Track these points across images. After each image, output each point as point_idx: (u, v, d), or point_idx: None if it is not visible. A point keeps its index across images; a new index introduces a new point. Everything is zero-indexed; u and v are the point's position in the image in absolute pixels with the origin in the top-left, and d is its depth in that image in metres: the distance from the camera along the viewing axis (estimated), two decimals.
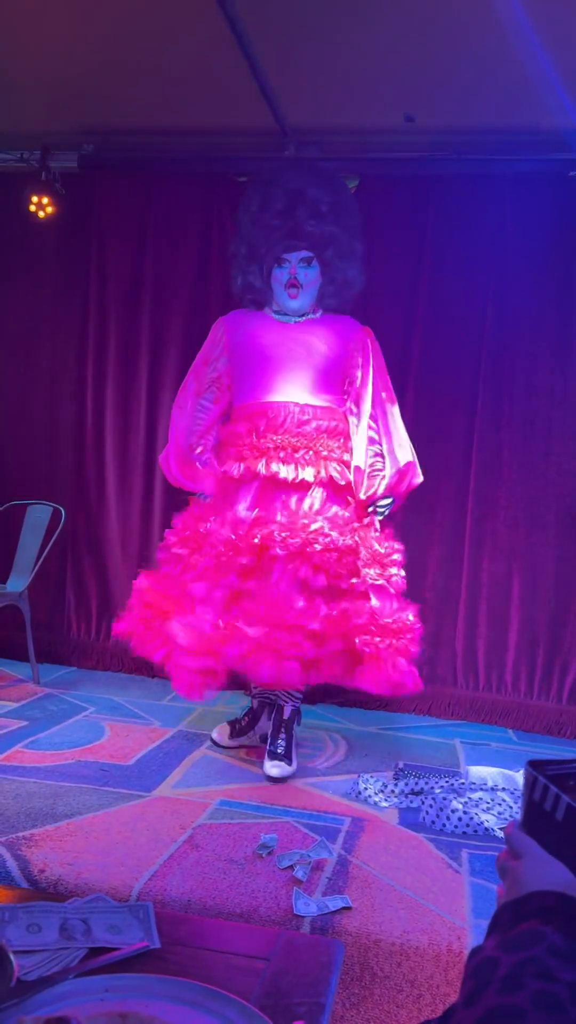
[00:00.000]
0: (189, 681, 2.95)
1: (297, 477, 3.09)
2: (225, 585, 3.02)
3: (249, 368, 3.27)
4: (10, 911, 1.06)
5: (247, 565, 3.00)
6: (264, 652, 2.87)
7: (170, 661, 3.00)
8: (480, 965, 0.70)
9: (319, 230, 3.20)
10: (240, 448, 3.17)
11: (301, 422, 3.17)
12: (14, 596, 4.03)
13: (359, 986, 1.83)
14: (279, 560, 2.99)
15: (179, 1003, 0.90)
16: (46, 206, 4.27)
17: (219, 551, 3.01)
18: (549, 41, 3.03)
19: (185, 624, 2.97)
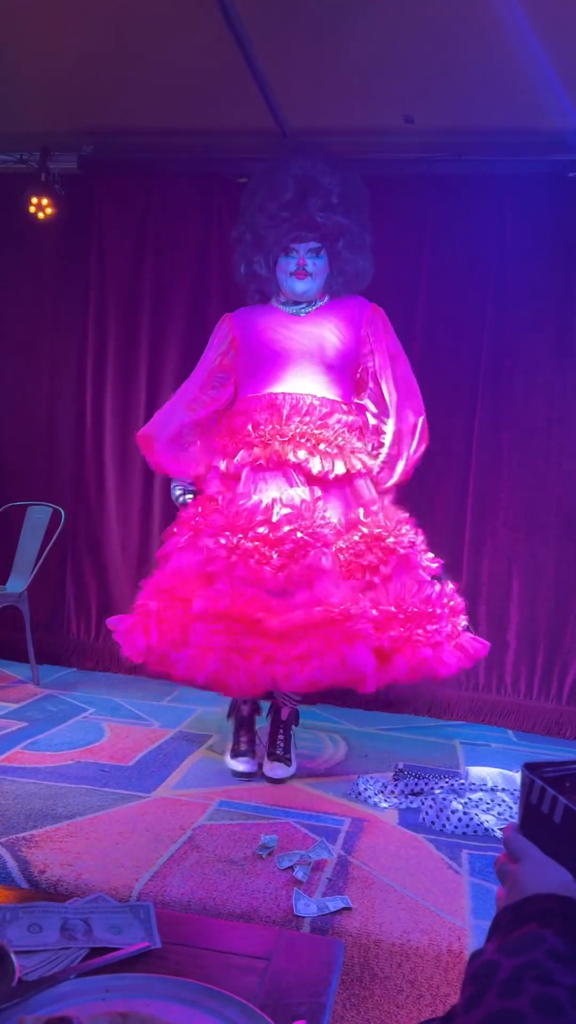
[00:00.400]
0: (312, 666, 2.68)
1: (332, 471, 3.01)
2: (330, 559, 2.86)
3: (259, 363, 3.20)
4: (11, 911, 1.06)
5: (290, 553, 2.84)
6: (419, 644, 2.81)
7: (273, 662, 2.72)
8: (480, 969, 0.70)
9: (330, 221, 3.14)
10: (260, 435, 3.05)
11: (324, 415, 3.11)
12: (14, 597, 4.03)
13: (359, 986, 1.83)
14: (395, 556, 2.93)
15: (180, 1003, 0.90)
16: (46, 207, 4.27)
17: (303, 528, 2.85)
18: (548, 42, 3.04)
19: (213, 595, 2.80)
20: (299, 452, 3.01)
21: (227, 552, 2.85)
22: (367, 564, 2.91)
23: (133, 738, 3.42)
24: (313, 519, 2.91)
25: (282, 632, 2.72)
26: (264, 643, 2.72)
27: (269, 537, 2.85)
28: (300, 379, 3.15)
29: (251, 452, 3.05)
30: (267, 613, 2.77)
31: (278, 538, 2.84)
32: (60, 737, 3.36)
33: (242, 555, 2.83)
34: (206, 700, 4.03)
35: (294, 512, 2.90)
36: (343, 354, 3.20)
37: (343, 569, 2.92)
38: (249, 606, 2.77)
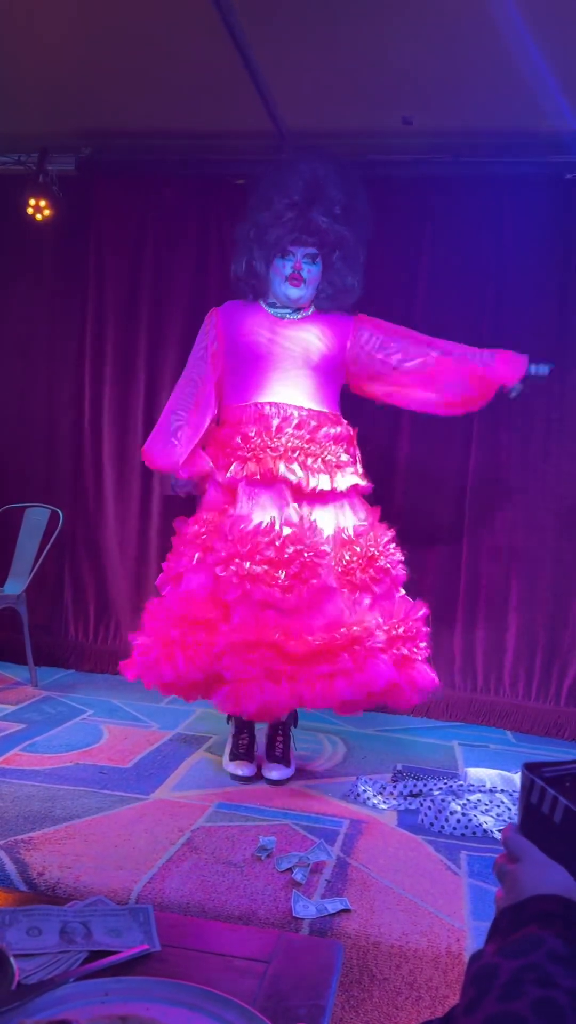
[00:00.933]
0: (341, 684, 2.76)
1: (318, 487, 3.02)
2: (269, 591, 2.85)
3: (243, 366, 3.20)
4: (10, 914, 1.06)
5: (288, 576, 2.86)
6: (406, 662, 2.89)
7: (297, 681, 2.79)
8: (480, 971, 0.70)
9: (331, 229, 3.14)
10: (252, 448, 3.06)
11: (313, 428, 3.11)
12: (12, 599, 4.03)
13: (358, 988, 1.83)
14: (383, 572, 2.99)
15: (179, 1005, 0.90)
16: (44, 209, 4.27)
17: (308, 548, 2.88)
18: (546, 45, 3.04)
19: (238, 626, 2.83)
20: (293, 467, 3.02)
21: (239, 580, 2.87)
22: (358, 583, 2.94)
23: (132, 740, 3.42)
24: (315, 538, 2.94)
25: (305, 655, 2.78)
26: (288, 666, 2.78)
27: (274, 559, 2.87)
28: (285, 386, 3.15)
29: (244, 466, 3.05)
30: (284, 635, 2.82)
31: (284, 560, 2.87)
32: (58, 739, 3.36)
33: (253, 580, 2.86)
34: (205, 702, 4.02)
35: (296, 532, 2.92)
36: (328, 359, 3.20)
37: (348, 583, 2.98)
38: (273, 631, 2.83)
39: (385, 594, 3.04)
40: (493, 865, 0.86)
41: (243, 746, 3.13)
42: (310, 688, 2.77)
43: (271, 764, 3.08)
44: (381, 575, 2.99)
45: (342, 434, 3.21)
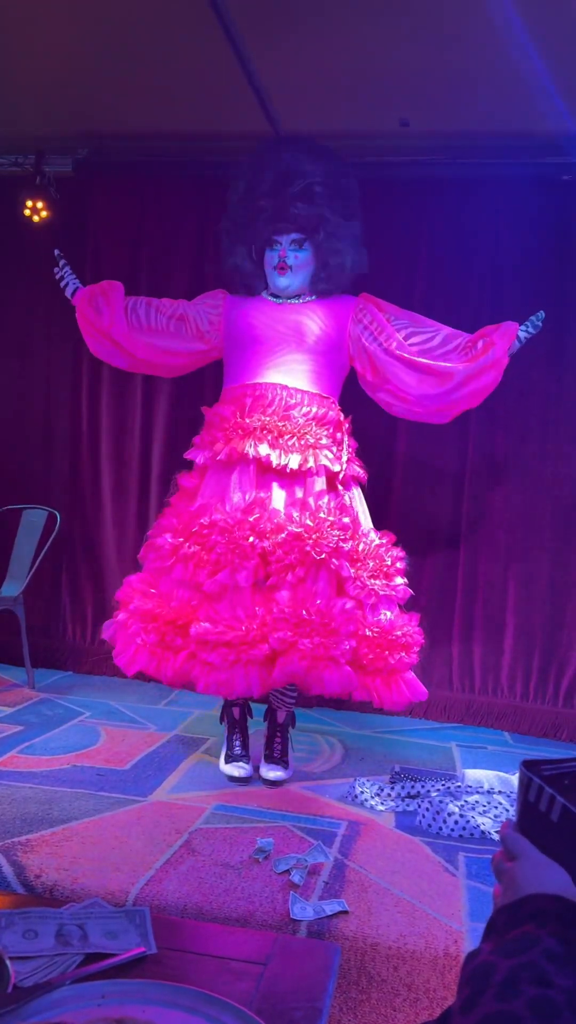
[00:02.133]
0: (219, 679, 2.81)
1: (288, 465, 2.97)
2: (246, 576, 2.86)
3: (239, 350, 3.20)
4: (6, 917, 1.05)
5: (261, 557, 2.89)
6: (321, 660, 2.81)
7: (195, 661, 2.87)
8: (477, 970, 0.70)
9: (309, 212, 3.10)
10: (226, 429, 3.06)
11: (289, 406, 3.07)
12: (9, 601, 4.02)
13: (356, 990, 1.83)
14: (309, 559, 2.88)
15: (176, 1008, 0.90)
16: (41, 210, 4.27)
17: (229, 539, 2.87)
18: (543, 46, 3.04)
19: (213, 619, 2.85)
20: (259, 447, 2.99)
21: (169, 552, 2.97)
22: (288, 563, 2.89)
23: (129, 742, 3.41)
24: (240, 530, 2.88)
25: (197, 639, 2.85)
26: (189, 642, 2.88)
27: (207, 543, 2.91)
28: (278, 369, 3.13)
29: (213, 447, 3.07)
30: (190, 616, 2.90)
31: (210, 546, 2.90)
32: (56, 741, 3.36)
33: (181, 558, 2.93)
34: (202, 704, 4.02)
35: (223, 521, 2.91)
36: (324, 340, 3.16)
37: (275, 566, 2.88)
38: (179, 610, 2.93)
39: (309, 577, 2.89)
40: (491, 862, 0.86)
41: (237, 747, 3.14)
42: (197, 669, 2.86)
43: (269, 765, 3.08)
44: (304, 557, 2.87)
45: (328, 417, 3.13)
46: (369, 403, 3.42)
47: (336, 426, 3.18)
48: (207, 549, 2.90)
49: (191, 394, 4.30)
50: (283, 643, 2.80)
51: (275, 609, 2.84)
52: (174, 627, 2.91)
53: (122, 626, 3.06)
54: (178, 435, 4.32)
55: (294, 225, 3.13)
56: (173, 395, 4.40)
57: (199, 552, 2.90)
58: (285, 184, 3.11)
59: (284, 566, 2.88)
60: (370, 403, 3.43)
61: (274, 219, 3.13)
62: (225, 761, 3.11)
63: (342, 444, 3.17)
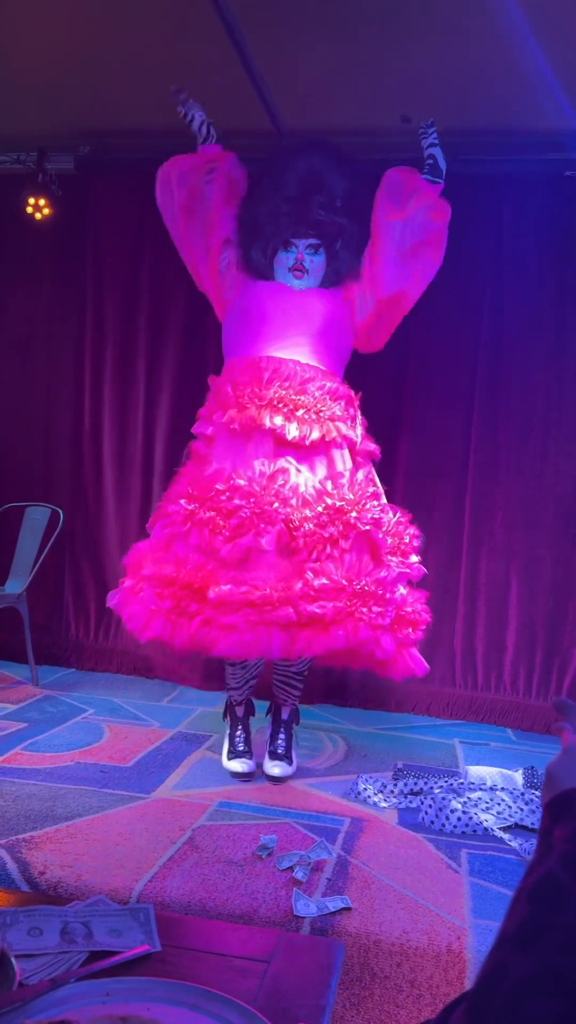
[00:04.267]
0: (241, 640, 2.77)
1: (309, 437, 2.98)
2: (271, 540, 2.85)
3: (246, 324, 3.21)
4: (11, 915, 1.06)
5: (285, 524, 2.87)
6: (379, 628, 2.82)
7: (211, 626, 2.82)
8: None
9: (330, 220, 3.15)
10: (240, 397, 3.05)
11: (305, 380, 3.09)
12: (12, 598, 4.03)
13: (359, 987, 1.84)
14: (355, 531, 2.90)
15: (180, 1006, 0.91)
16: (43, 208, 4.27)
17: (255, 503, 2.86)
18: (546, 42, 3.04)
19: (237, 580, 2.83)
20: (275, 418, 2.99)
21: (183, 519, 2.92)
22: (328, 536, 2.88)
23: (132, 739, 3.42)
24: (266, 495, 2.88)
25: (216, 601, 2.80)
26: (205, 608, 2.83)
27: (224, 508, 2.88)
28: (285, 346, 3.14)
29: (226, 414, 3.05)
30: (210, 582, 2.85)
31: (229, 510, 2.87)
32: (59, 738, 3.37)
33: (197, 523, 2.90)
34: (205, 701, 4.04)
35: (247, 487, 2.90)
36: (330, 320, 3.20)
37: (306, 542, 2.88)
38: (195, 574, 2.88)
39: (355, 549, 2.93)
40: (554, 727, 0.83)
41: (240, 743, 3.15)
42: (212, 632, 2.80)
43: (273, 761, 3.08)
44: (348, 529, 2.90)
45: (340, 391, 3.17)
46: (371, 400, 3.42)
47: (348, 401, 3.20)
48: (224, 514, 2.87)
49: (193, 391, 4.30)
50: (338, 612, 2.79)
51: (326, 578, 2.83)
52: (190, 591, 2.85)
53: (131, 592, 3.01)
54: (181, 433, 4.31)
55: (315, 231, 3.17)
56: (175, 392, 4.40)
57: (215, 517, 2.88)
58: (310, 190, 3.14)
59: (324, 539, 2.88)
60: (372, 400, 3.43)
61: (296, 223, 3.16)
62: (228, 757, 3.11)
63: (355, 418, 3.20)
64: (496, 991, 0.54)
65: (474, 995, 0.57)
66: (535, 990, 0.53)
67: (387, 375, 4.03)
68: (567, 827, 0.66)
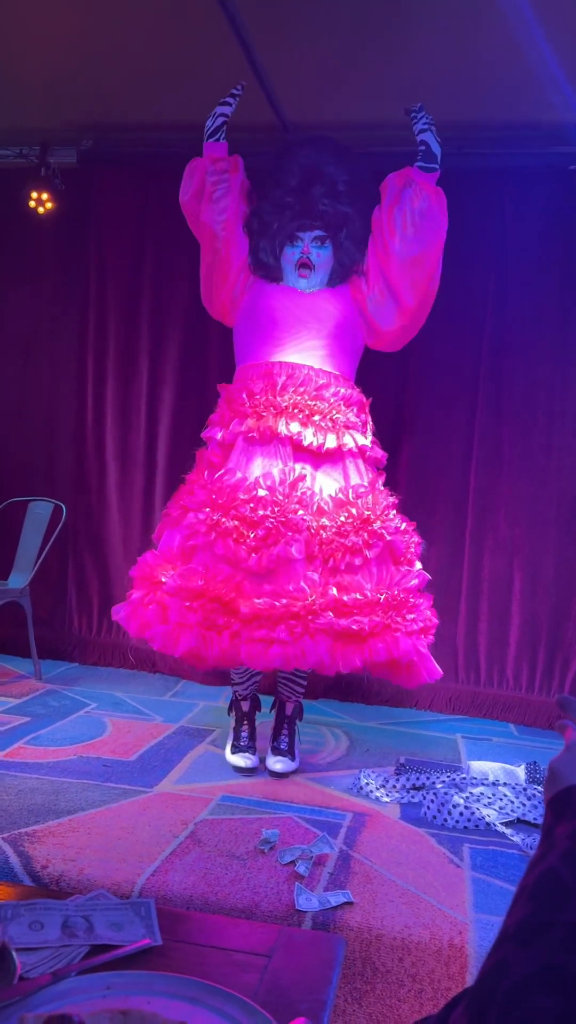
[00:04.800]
0: (283, 653, 2.75)
1: (325, 445, 2.98)
2: (300, 548, 2.84)
3: (258, 330, 3.21)
4: (12, 908, 1.06)
5: (309, 531, 2.87)
6: (414, 634, 2.84)
7: (239, 640, 2.80)
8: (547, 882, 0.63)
9: (334, 210, 3.14)
10: (255, 406, 3.04)
11: (320, 386, 3.08)
12: (15, 592, 4.03)
13: (361, 981, 1.84)
14: (381, 541, 2.91)
15: (181, 1000, 0.90)
16: (45, 202, 4.27)
17: (281, 512, 2.84)
18: (551, 35, 3.02)
19: (274, 593, 2.81)
20: (291, 424, 2.99)
21: (207, 528, 2.90)
22: (350, 545, 2.88)
23: (135, 733, 3.42)
24: (289, 503, 2.88)
25: (250, 616, 2.79)
26: (234, 621, 2.80)
27: (247, 518, 2.86)
28: (297, 350, 3.14)
29: (244, 423, 3.05)
30: (239, 594, 2.83)
31: (254, 521, 2.85)
32: (62, 732, 3.37)
33: (221, 533, 2.87)
34: (208, 695, 4.04)
35: (271, 495, 2.89)
36: (340, 323, 3.19)
37: (322, 549, 2.88)
38: (223, 586, 2.85)
39: (379, 559, 2.96)
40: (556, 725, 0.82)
41: (244, 738, 3.14)
42: (248, 648, 2.78)
43: (276, 756, 3.08)
44: (374, 539, 2.91)
45: (353, 397, 3.18)
46: (374, 394, 3.41)
47: (361, 407, 3.21)
48: (248, 524, 2.85)
49: (196, 387, 4.30)
50: (375, 626, 2.80)
51: (358, 593, 2.83)
52: (220, 604, 2.83)
53: (140, 604, 2.97)
54: (183, 428, 4.32)
55: (320, 222, 3.16)
56: (178, 387, 4.40)
57: (239, 527, 2.86)
58: (311, 182, 3.13)
59: (346, 548, 2.88)
60: (375, 395, 3.42)
61: (300, 215, 3.15)
62: (231, 751, 3.11)
63: (367, 424, 3.21)
64: (497, 988, 0.54)
65: (475, 992, 0.57)
66: (536, 987, 0.53)
67: (390, 369, 4.02)
68: (569, 824, 0.66)
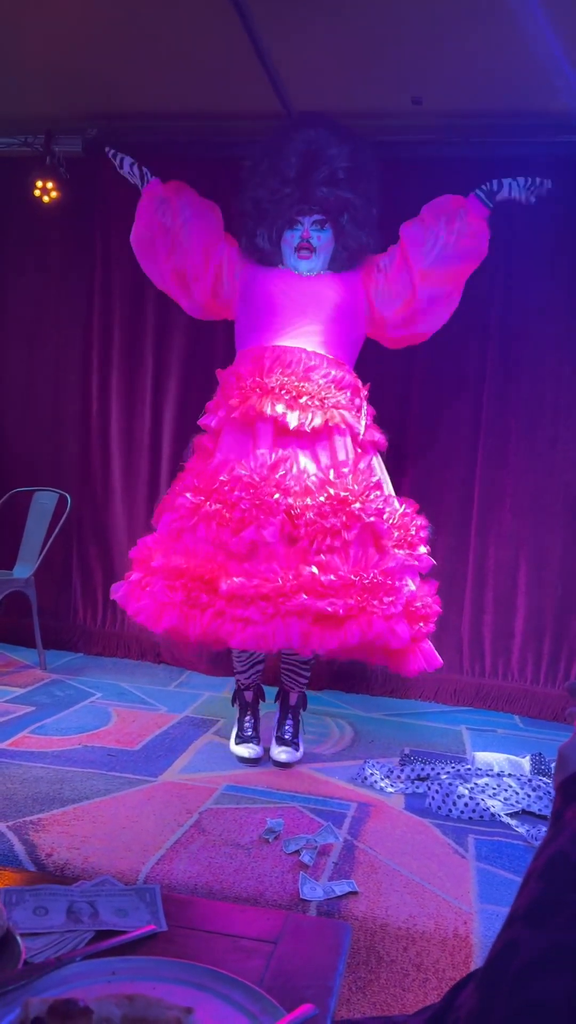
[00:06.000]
0: (257, 632, 2.77)
1: (311, 423, 2.96)
2: (273, 532, 2.84)
3: (256, 316, 3.20)
4: (17, 894, 1.05)
5: (287, 514, 2.86)
6: (393, 617, 2.82)
7: (223, 618, 2.83)
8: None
9: (334, 195, 3.12)
10: (242, 388, 3.05)
11: (309, 368, 3.07)
12: (20, 583, 4.03)
13: (365, 970, 1.84)
14: (359, 523, 2.88)
15: (186, 985, 0.90)
16: (51, 191, 4.25)
17: (254, 495, 2.85)
18: (558, 22, 3.00)
19: (248, 573, 2.82)
20: (277, 405, 2.98)
21: (191, 512, 2.93)
22: (330, 527, 2.87)
23: (140, 723, 3.43)
24: (266, 486, 2.87)
25: (228, 594, 2.81)
26: (216, 599, 2.83)
27: (228, 500, 2.87)
28: (294, 335, 3.13)
29: (228, 406, 3.05)
30: (222, 573, 2.85)
31: (232, 503, 2.87)
32: (67, 721, 3.37)
33: (204, 516, 2.90)
34: (212, 685, 4.04)
35: (247, 477, 2.89)
36: (341, 308, 3.17)
37: (308, 531, 2.86)
38: (205, 565, 2.88)
39: (359, 541, 2.92)
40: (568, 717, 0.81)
41: (248, 728, 3.14)
42: (229, 626, 2.81)
43: (280, 747, 3.08)
44: (352, 521, 2.88)
45: (345, 380, 3.14)
46: (381, 387, 3.40)
47: (355, 391, 3.18)
48: (229, 506, 2.87)
49: (201, 378, 4.28)
50: (350, 608, 2.79)
51: (333, 575, 2.82)
52: (201, 583, 2.86)
53: (137, 585, 3.02)
54: (188, 418, 4.30)
55: (319, 207, 3.14)
56: (183, 378, 4.39)
57: (221, 510, 2.88)
58: (311, 166, 3.11)
59: (326, 530, 2.86)
60: (381, 387, 3.41)
61: (300, 200, 3.13)
62: (235, 742, 3.11)
63: (360, 408, 3.17)
64: (507, 968, 0.54)
65: (485, 972, 0.56)
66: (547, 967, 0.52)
67: (396, 361, 4.00)
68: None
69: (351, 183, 3.14)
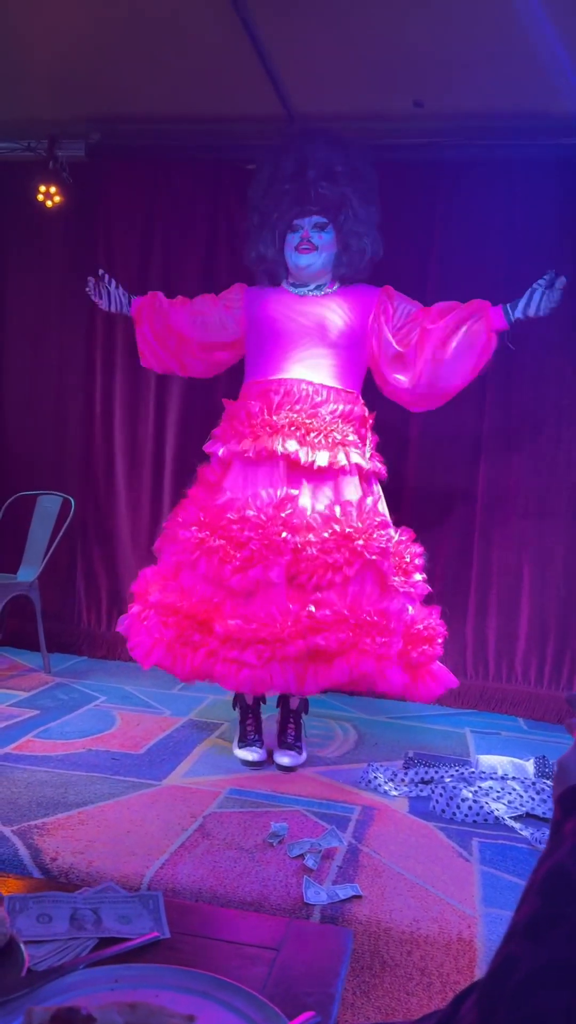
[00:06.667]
0: (253, 675, 2.79)
1: (316, 463, 2.97)
2: (279, 572, 2.85)
3: (262, 344, 3.20)
4: (21, 901, 1.06)
5: (292, 553, 2.87)
6: (385, 659, 2.82)
7: (215, 659, 2.85)
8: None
9: (331, 193, 3.12)
10: (253, 425, 3.05)
11: (316, 403, 3.07)
12: (24, 586, 4.04)
13: (369, 974, 1.84)
14: (361, 559, 2.88)
15: (189, 993, 0.90)
16: (54, 195, 4.26)
17: (263, 535, 2.85)
18: (560, 24, 3.00)
19: (246, 616, 2.83)
20: (288, 443, 2.99)
21: (192, 547, 2.94)
22: (332, 562, 2.88)
23: (144, 726, 3.43)
24: (274, 525, 2.88)
25: (223, 635, 2.83)
26: (209, 639, 2.86)
27: (235, 538, 2.88)
28: (301, 364, 3.12)
29: (241, 443, 3.06)
30: (217, 613, 2.88)
31: (240, 541, 2.87)
32: (71, 725, 3.38)
33: (206, 552, 2.91)
34: (216, 690, 4.03)
35: (255, 517, 2.89)
36: (347, 335, 3.16)
37: (307, 566, 2.87)
38: (200, 606, 2.91)
39: (359, 578, 2.91)
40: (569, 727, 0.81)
41: (250, 731, 3.15)
42: (222, 667, 2.84)
43: (283, 750, 3.08)
44: (354, 558, 2.88)
45: (353, 413, 3.15)
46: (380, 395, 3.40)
47: (361, 422, 3.19)
48: (235, 545, 2.87)
49: (203, 381, 4.29)
50: (342, 643, 2.80)
51: (328, 610, 2.82)
52: (194, 622, 2.89)
53: (137, 618, 3.05)
54: (191, 421, 4.32)
55: (317, 207, 3.14)
56: (186, 381, 4.39)
57: (225, 547, 2.88)
58: (306, 166, 3.12)
59: (327, 565, 2.87)
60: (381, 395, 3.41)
61: (297, 201, 3.14)
62: (238, 746, 3.12)
63: (366, 440, 3.19)
64: (507, 983, 0.54)
65: (485, 987, 0.57)
66: (545, 982, 0.53)
67: None
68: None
69: (348, 181, 3.14)
